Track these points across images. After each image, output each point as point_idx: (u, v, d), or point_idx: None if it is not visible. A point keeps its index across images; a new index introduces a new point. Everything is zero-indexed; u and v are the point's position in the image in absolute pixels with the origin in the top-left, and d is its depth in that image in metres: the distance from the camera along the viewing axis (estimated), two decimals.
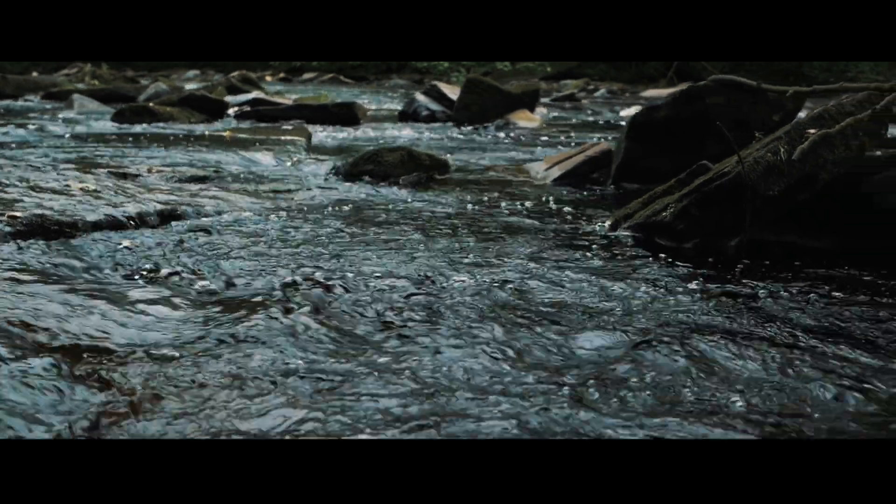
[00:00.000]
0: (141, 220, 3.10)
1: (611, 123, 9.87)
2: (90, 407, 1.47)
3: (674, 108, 4.50)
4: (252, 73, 16.52)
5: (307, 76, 26.86)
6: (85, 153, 5.23)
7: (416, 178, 4.76)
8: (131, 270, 2.45)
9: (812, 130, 2.90)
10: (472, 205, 3.86)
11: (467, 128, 8.54)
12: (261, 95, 11.31)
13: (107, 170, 4.25)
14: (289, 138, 6.43)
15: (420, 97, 10.10)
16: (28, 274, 2.25)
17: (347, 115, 9.02)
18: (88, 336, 1.83)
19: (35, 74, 20.10)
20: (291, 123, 8.38)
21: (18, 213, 2.81)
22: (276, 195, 3.94)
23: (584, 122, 10.35)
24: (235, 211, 3.46)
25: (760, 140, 3.18)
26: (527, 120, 9.15)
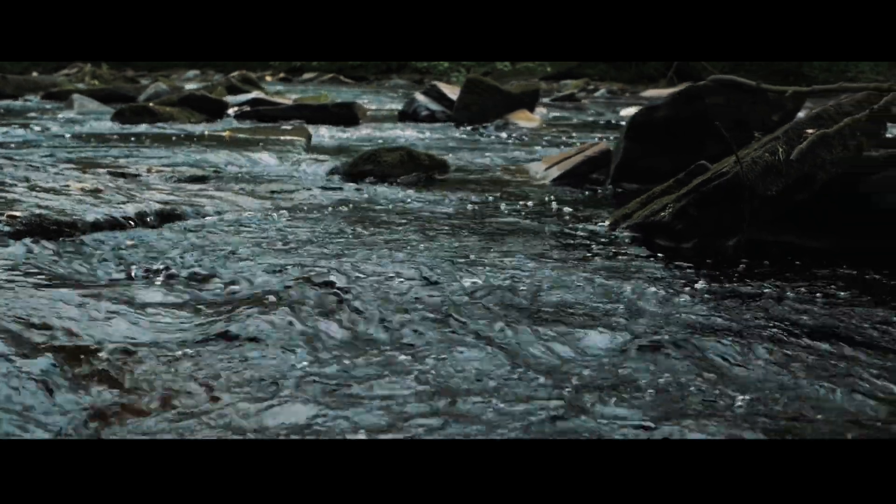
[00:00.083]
0: (140, 220, 3.10)
1: (611, 123, 9.87)
2: (90, 407, 1.47)
3: (673, 108, 4.50)
4: (252, 73, 16.52)
5: (307, 76, 26.86)
6: (85, 153, 5.23)
7: (416, 178, 4.77)
8: (131, 270, 2.45)
9: (810, 130, 2.90)
10: (471, 205, 3.86)
11: (467, 128, 8.54)
12: (261, 95, 11.31)
13: (106, 170, 4.26)
14: (288, 138, 6.43)
15: (420, 97, 10.10)
16: (27, 274, 2.25)
17: (347, 115, 9.03)
18: (88, 336, 1.83)
19: (35, 74, 20.10)
20: (291, 123, 8.38)
21: (18, 213, 2.82)
22: (276, 195, 3.95)
23: (584, 122, 10.36)
24: (235, 211, 3.47)
25: (759, 140, 3.18)
26: (526, 120, 9.15)
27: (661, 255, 2.84)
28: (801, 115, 4.51)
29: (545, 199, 4.08)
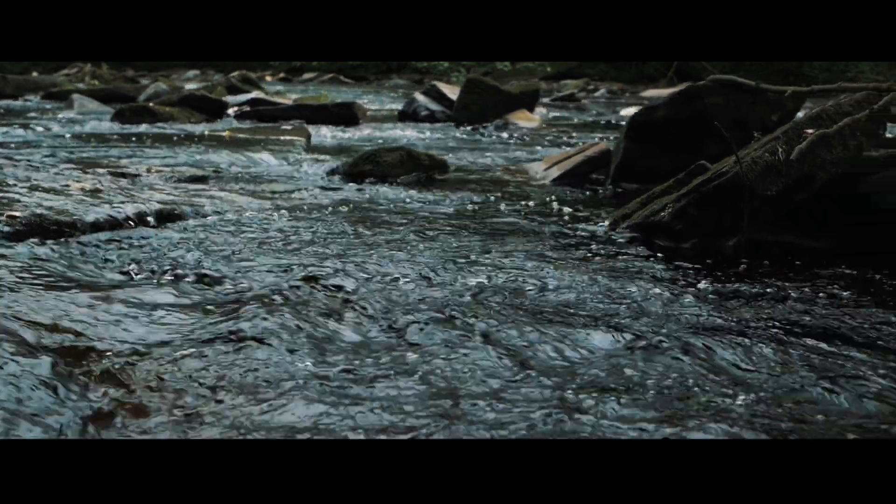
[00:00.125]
0: (140, 220, 3.10)
1: (611, 123, 9.88)
2: (90, 407, 1.47)
3: (673, 107, 4.50)
4: (252, 73, 16.53)
5: (307, 76, 26.86)
6: (84, 153, 5.23)
7: (416, 178, 4.77)
8: (130, 270, 2.45)
9: (810, 130, 2.90)
10: (471, 205, 3.86)
11: (467, 128, 8.54)
12: (261, 95, 11.32)
13: (106, 170, 4.26)
14: (288, 138, 6.43)
15: (420, 97, 10.10)
16: (27, 274, 2.25)
17: (347, 115, 9.03)
18: (87, 336, 1.83)
19: (35, 74, 20.10)
20: (291, 123, 8.38)
21: (17, 213, 2.82)
22: (276, 195, 3.95)
23: (584, 122, 10.36)
24: (235, 211, 3.47)
25: (759, 140, 3.18)
26: (526, 120, 9.16)
27: (661, 255, 2.84)
28: (800, 115, 4.51)
29: (545, 199, 4.08)
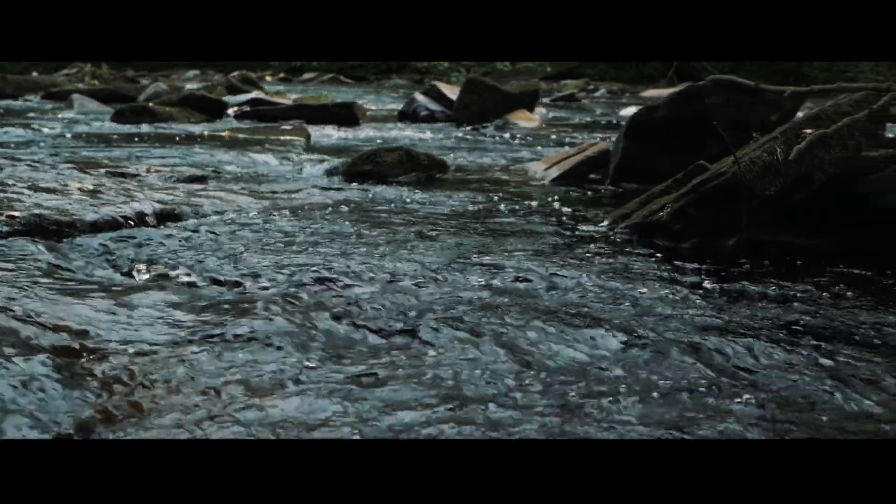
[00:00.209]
0: (140, 220, 3.11)
1: (611, 123, 9.88)
2: (90, 407, 1.47)
3: (673, 107, 4.50)
4: (252, 73, 16.53)
5: (307, 76, 26.86)
6: (84, 153, 5.24)
7: (415, 178, 4.77)
8: (130, 270, 2.45)
9: (809, 130, 2.90)
10: (470, 204, 3.86)
11: (467, 128, 8.55)
12: (261, 95, 11.32)
13: (106, 170, 4.26)
14: (288, 138, 6.44)
15: (420, 97, 10.10)
16: (26, 274, 2.25)
17: (347, 115, 9.03)
18: (87, 336, 1.83)
19: (35, 74, 20.10)
20: (291, 123, 8.38)
21: (17, 213, 2.82)
22: (275, 195, 3.95)
23: (584, 122, 10.36)
24: (234, 211, 3.47)
25: (757, 140, 3.19)
26: (526, 120, 9.16)
27: (660, 254, 2.85)
28: (799, 115, 4.51)
29: (544, 198, 4.08)
